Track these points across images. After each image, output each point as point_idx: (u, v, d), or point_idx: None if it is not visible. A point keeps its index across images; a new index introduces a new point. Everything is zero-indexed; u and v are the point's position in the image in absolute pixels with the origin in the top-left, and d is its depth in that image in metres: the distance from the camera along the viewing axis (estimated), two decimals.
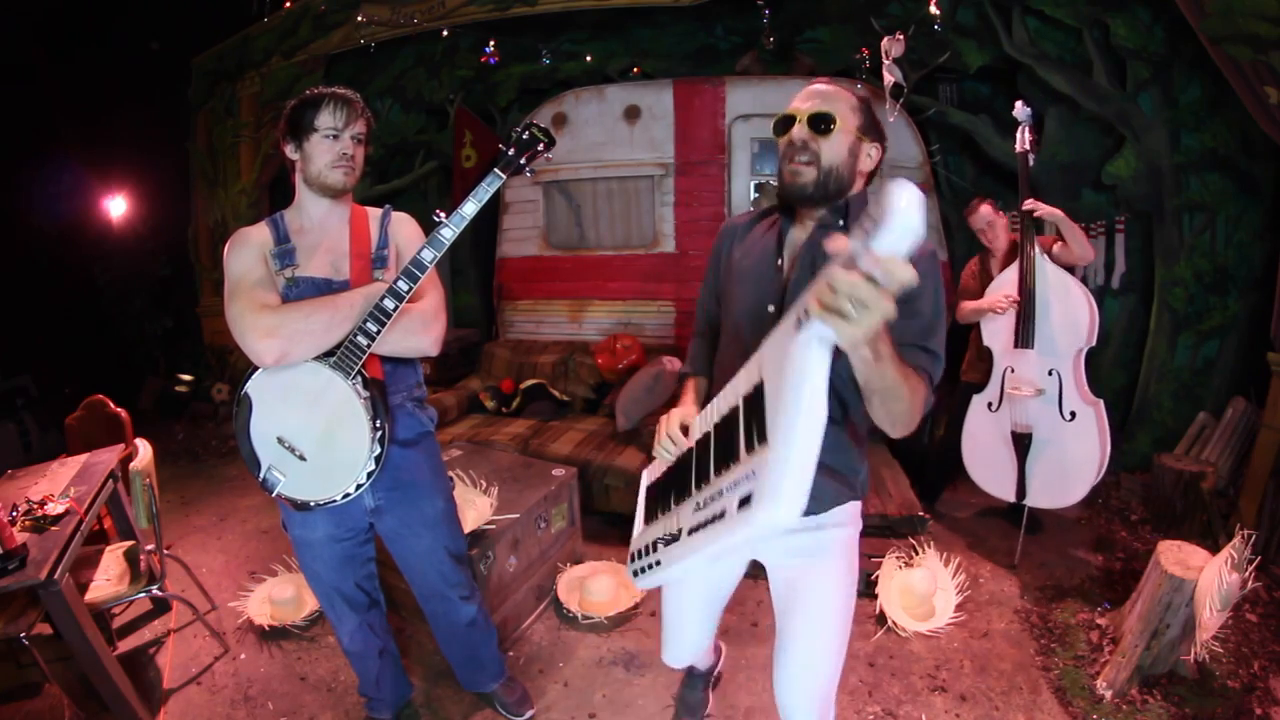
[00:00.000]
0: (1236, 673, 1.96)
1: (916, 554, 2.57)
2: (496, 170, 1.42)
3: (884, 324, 0.73)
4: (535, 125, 1.45)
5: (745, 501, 0.76)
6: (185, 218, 5.26)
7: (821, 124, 1.17)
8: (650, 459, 1.38)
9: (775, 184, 3.78)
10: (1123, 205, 3.37)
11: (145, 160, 5.04)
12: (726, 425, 0.93)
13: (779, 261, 1.24)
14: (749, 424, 0.84)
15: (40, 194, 4.61)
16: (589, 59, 4.37)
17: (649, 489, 1.33)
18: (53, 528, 1.80)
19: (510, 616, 2.30)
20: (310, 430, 1.38)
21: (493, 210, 4.35)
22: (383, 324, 1.36)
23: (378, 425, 1.38)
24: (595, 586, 2.42)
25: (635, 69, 4.49)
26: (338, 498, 1.40)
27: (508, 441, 3.12)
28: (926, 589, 2.34)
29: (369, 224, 1.53)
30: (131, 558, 2.16)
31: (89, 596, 1.97)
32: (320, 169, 1.42)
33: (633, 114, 3.82)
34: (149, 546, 2.15)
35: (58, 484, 2.07)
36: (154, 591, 2.09)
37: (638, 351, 3.52)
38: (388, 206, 1.59)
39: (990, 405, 2.62)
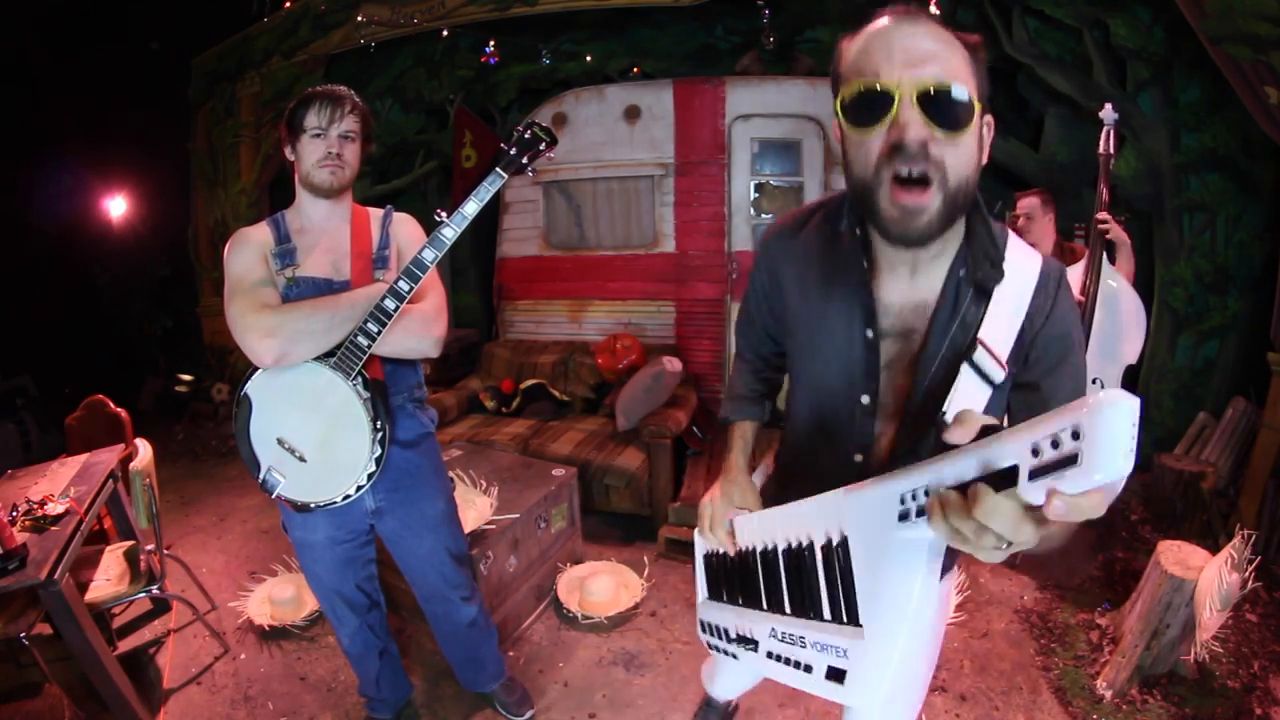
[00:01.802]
0: (1236, 673, 1.96)
1: None
2: (498, 169, 1.41)
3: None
4: (537, 124, 1.44)
5: (835, 675, 0.72)
6: (185, 218, 5.26)
7: (948, 111, 0.69)
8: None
9: (775, 184, 3.82)
10: (1123, 205, 3.36)
11: (145, 160, 5.03)
12: (798, 563, 0.80)
13: (868, 335, 0.86)
14: (833, 588, 0.74)
15: (40, 194, 4.60)
16: (589, 59, 4.37)
17: (707, 558, 1.12)
18: (53, 528, 1.80)
19: (510, 616, 2.30)
20: (310, 431, 1.38)
21: (493, 210, 4.35)
22: (383, 324, 1.35)
23: (378, 427, 1.38)
24: (595, 586, 2.42)
25: (635, 69, 4.49)
26: (338, 499, 1.40)
27: (508, 441, 3.12)
28: None
29: (370, 224, 1.52)
30: (131, 558, 2.16)
31: (89, 596, 1.97)
32: (308, 169, 1.42)
33: (633, 114, 3.82)
34: (149, 546, 2.15)
35: (58, 484, 2.07)
36: (154, 591, 2.09)
37: (638, 351, 3.52)
38: (389, 206, 1.59)
39: None
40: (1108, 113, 2.40)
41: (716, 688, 1.54)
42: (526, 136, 1.43)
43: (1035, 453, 0.45)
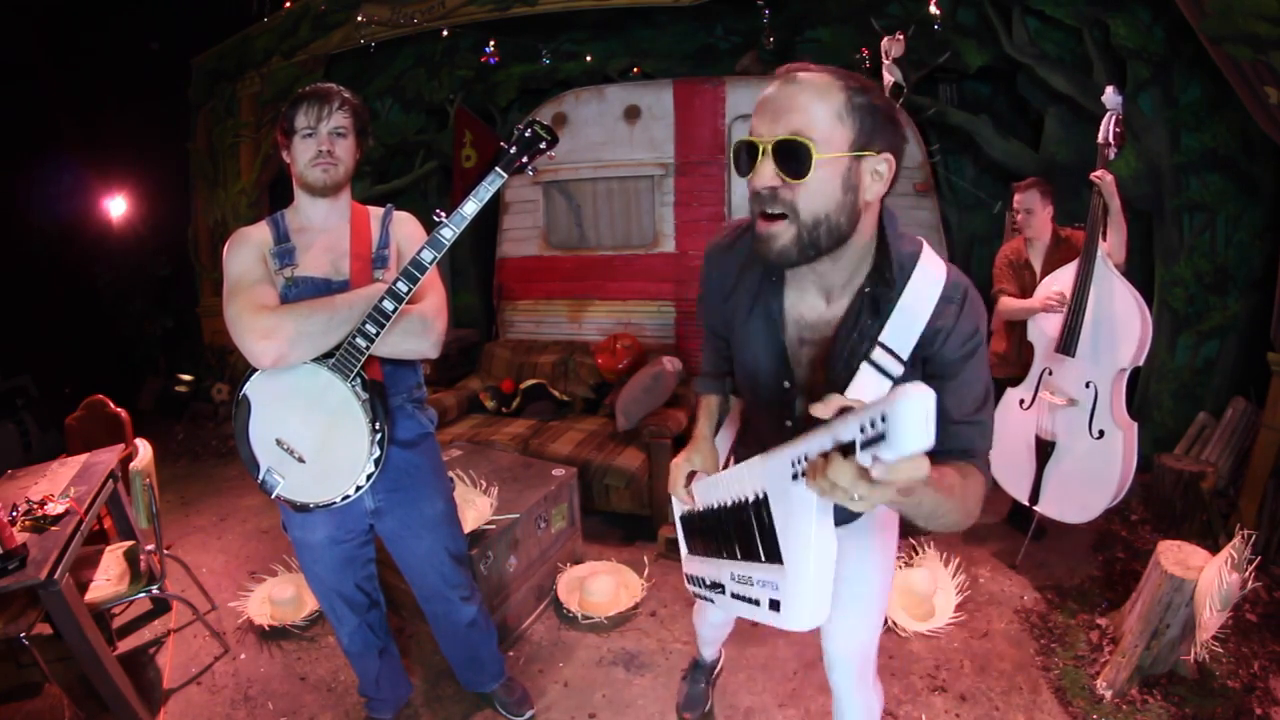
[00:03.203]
0: (1236, 673, 1.96)
1: (916, 554, 2.58)
2: (498, 169, 1.41)
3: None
4: (538, 123, 1.43)
5: (774, 605, 0.87)
6: (185, 218, 5.26)
7: (793, 159, 0.83)
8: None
9: None
10: (1123, 205, 3.36)
11: (145, 160, 5.03)
12: (739, 516, 0.97)
13: (781, 341, 1.04)
14: (763, 535, 0.89)
15: (40, 194, 4.60)
16: (589, 59, 4.37)
17: (683, 518, 1.30)
18: (53, 528, 1.81)
19: (510, 616, 2.30)
20: (309, 432, 1.38)
21: (493, 210, 4.35)
22: (382, 325, 1.35)
23: (377, 428, 1.38)
24: (595, 586, 2.42)
25: (635, 69, 4.49)
26: (337, 500, 1.40)
27: (508, 441, 3.12)
28: (926, 589, 2.34)
29: (370, 223, 1.52)
30: (131, 558, 2.16)
31: (89, 596, 1.98)
32: (302, 169, 1.41)
33: (633, 114, 3.82)
34: (149, 546, 2.15)
35: (58, 484, 2.07)
36: (154, 591, 2.09)
37: (638, 351, 3.52)
38: (389, 206, 1.58)
39: (1022, 402, 2.51)
40: (1110, 96, 2.30)
41: (704, 640, 1.77)
42: (527, 135, 1.42)
43: (862, 430, 0.61)
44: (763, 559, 0.89)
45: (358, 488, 1.39)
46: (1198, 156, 3.03)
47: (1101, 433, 2.31)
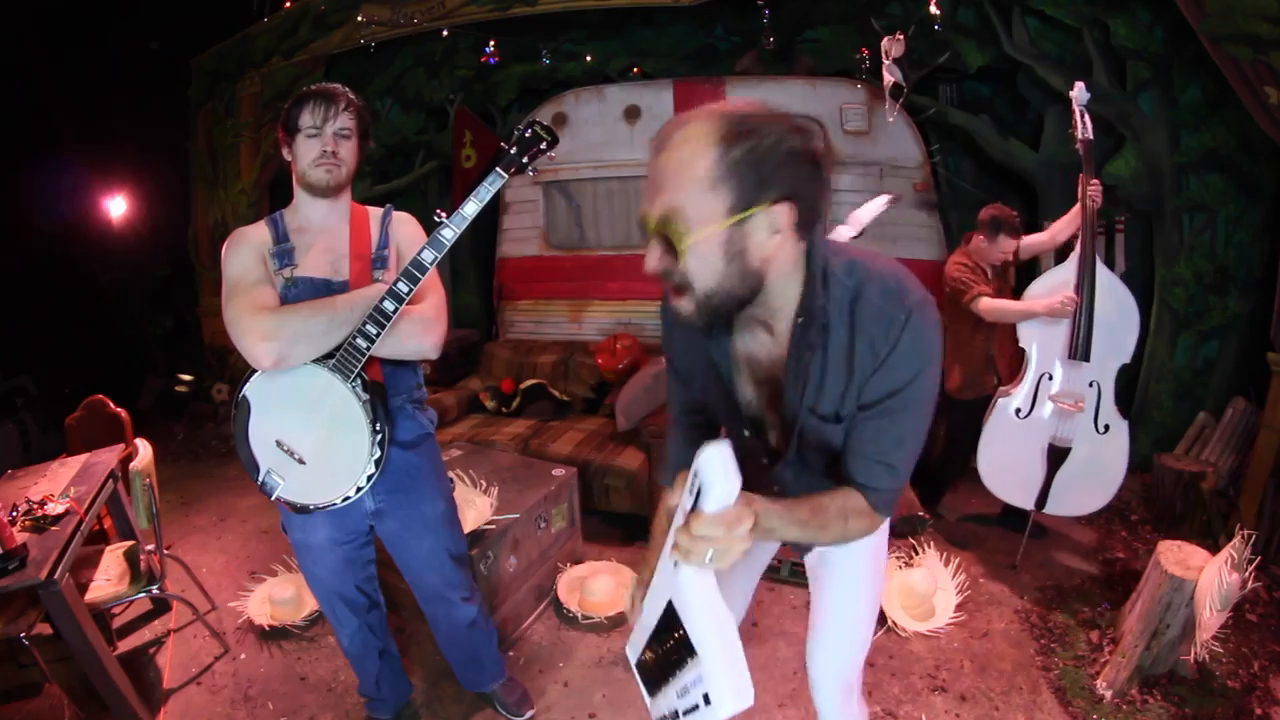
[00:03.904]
0: (1236, 673, 1.96)
1: (916, 554, 2.58)
2: (498, 169, 1.40)
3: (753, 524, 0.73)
4: (538, 123, 1.42)
5: (707, 699, 0.85)
6: (185, 218, 5.26)
7: (669, 242, 0.80)
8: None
9: None
10: (1123, 205, 3.36)
11: (145, 160, 5.03)
12: (663, 632, 0.95)
13: (729, 389, 1.01)
14: (680, 636, 0.89)
15: (40, 194, 4.60)
16: (589, 59, 4.37)
17: (637, 665, 1.17)
18: (53, 528, 1.81)
19: (510, 616, 2.30)
20: (309, 434, 1.38)
21: (493, 210, 4.35)
22: (383, 326, 1.34)
23: (377, 429, 1.38)
24: (595, 586, 2.42)
25: (635, 69, 4.49)
26: (337, 501, 1.40)
27: (508, 441, 3.12)
28: (926, 589, 2.34)
29: (369, 224, 1.51)
30: (131, 558, 2.16)
31: (89, 596, 1.97)
32: (304, 168, 1.40)
33: (633, 114, 3.82)
34: (149, 546, 2.15)
35: (58, 484, 2.07)
36: (154, 591, 2.09)
37: (638, 351, 3.52)
38: (389, 206, 1.57)
39: (1019, 411, 2.45)
40: (1079, 92, 2.32)
41: None
42: (527, 135, 1.41)
43: (690, 492, 0.74)
44: (687, 660, 0.87)
45: (358, 489, 1.39)
46: (1198, 156, 3.02)
47: (1106, 427, 2.35)
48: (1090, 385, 2.34)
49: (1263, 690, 1.90)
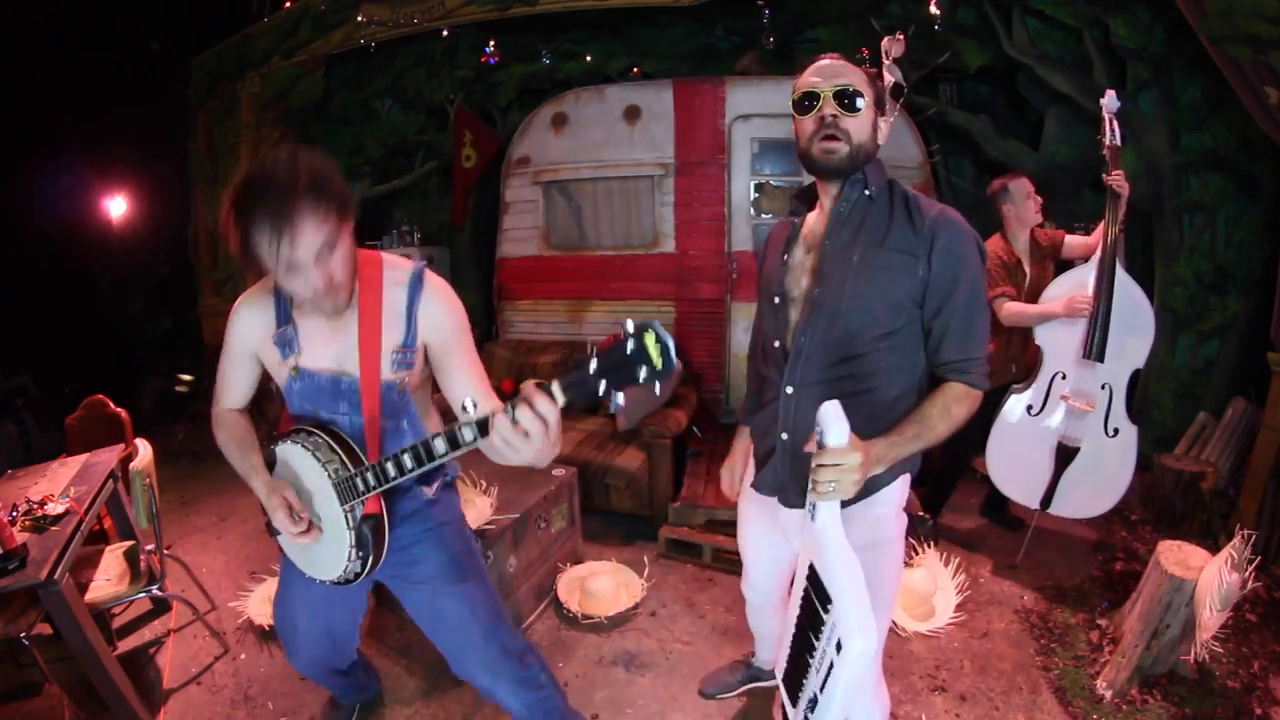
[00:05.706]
0: (1236, 673, 1.96)
1: (916, 554, 2.57)
2: (557, 386, 1.00)
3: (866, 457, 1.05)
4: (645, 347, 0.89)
5: (839, 647, 0.99)
6: (185, 218, 5.26)
7: (848, 100, 1.18)
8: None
9: (775, 184, 3.82)
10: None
11: (145, 160, 5.03)
12: (808, 600, 1.13)
13: (784, 257, 1.33)
14: (820, 595, 1.07)
15: (40, 194, 4.60)
16: (589, 59, 4.38)
17: (783, 678, 1.28)
18: (53, 528, 1.80)
19: (510, 617, 2.30)
20: (308, 511, 1.27)
21: (493, 210, 4.35)
22: (388, 481, 1.14)
23: (360, 554, 1.22)
24: (595, 586, 2.42)
25: (635, 69, 4.49)
26: (319, 579, 1.32)
27: None
28: (926, 589, 2.34)
29: (385, 300, 1.21)
30: (131, 558, 2.16)
31: (89, 596, 1.97)
32: (293, 296, 1.16)
33: (633, 114, 3.82)
34: (149, 546, 2.15)
35: (58, 484, 2.07)
36: (154, 591, 2.09)
37: None
38: (420, 267, 1.24)
39: (1030, 409, 2.44)
40: (1109, 99, 2.30)
41: (759, 636, 1.91)
42: (628, 353, 0.89)
43: (819, 436, 1.07)
44: (823, 618, 1.03)
45: (334, 582, 1.28)
46: (1198, 156, 3.03)
47: (1116, 431, 2.34)
48: (1103, 387, 2.34)
49: (1263, 690, 1.90)
